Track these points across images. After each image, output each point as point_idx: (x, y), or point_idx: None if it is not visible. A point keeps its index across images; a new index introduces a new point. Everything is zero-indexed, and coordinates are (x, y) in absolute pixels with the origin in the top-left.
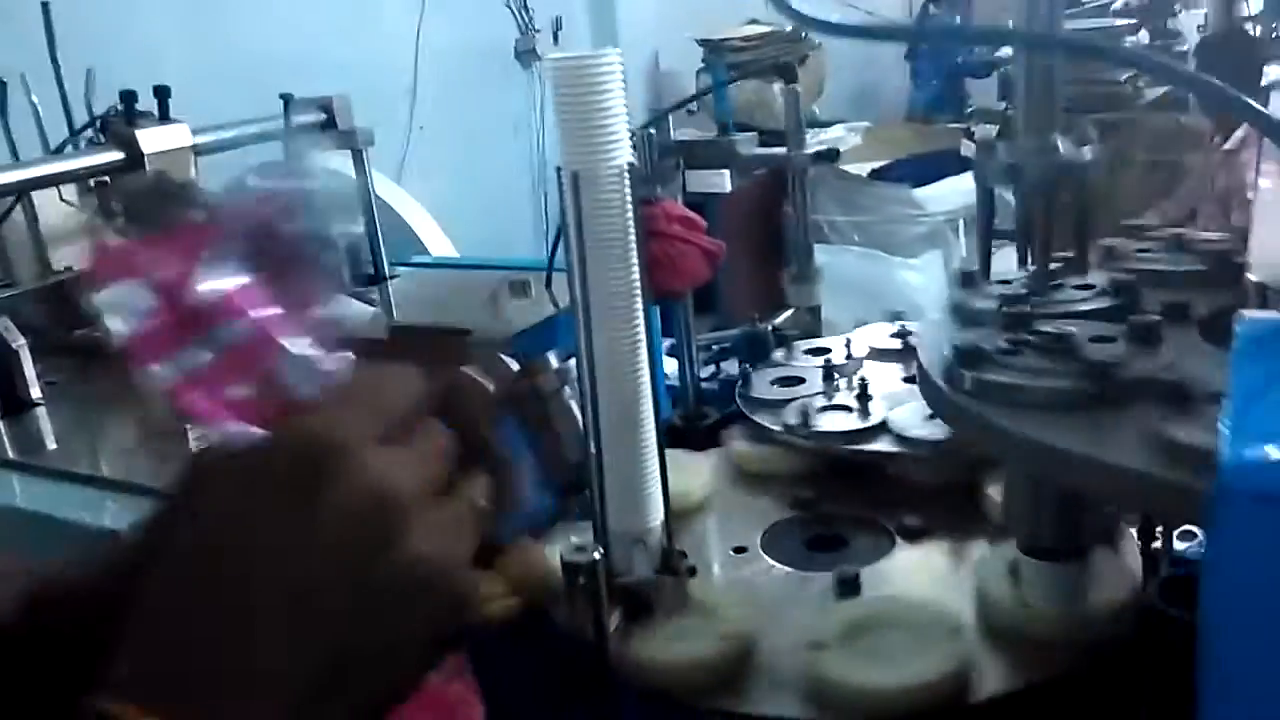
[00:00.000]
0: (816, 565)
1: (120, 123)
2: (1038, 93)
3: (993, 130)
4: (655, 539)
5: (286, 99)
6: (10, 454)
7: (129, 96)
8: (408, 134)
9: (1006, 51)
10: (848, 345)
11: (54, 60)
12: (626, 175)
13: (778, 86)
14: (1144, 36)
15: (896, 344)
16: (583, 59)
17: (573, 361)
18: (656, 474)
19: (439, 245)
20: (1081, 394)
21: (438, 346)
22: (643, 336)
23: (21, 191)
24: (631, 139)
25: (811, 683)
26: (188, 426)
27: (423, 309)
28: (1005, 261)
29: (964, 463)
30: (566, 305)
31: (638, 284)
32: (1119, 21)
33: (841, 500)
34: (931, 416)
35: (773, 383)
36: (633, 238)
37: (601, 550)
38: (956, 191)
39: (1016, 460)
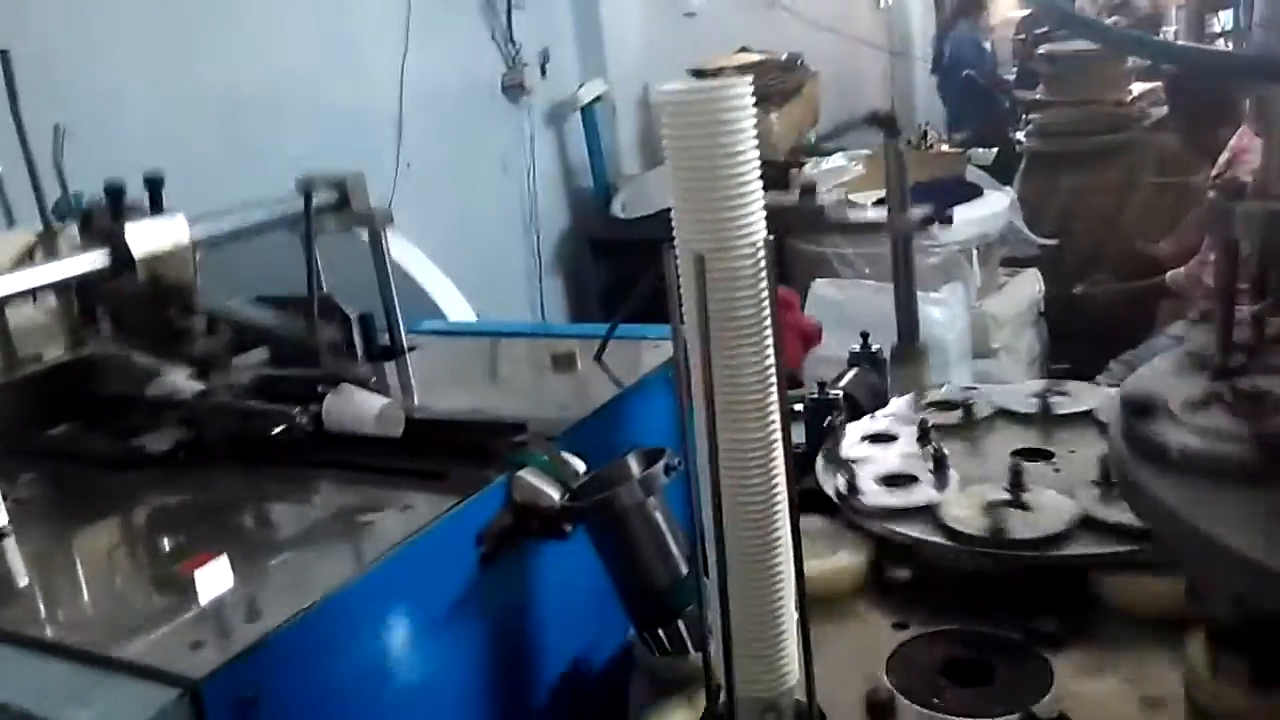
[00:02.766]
0: (948, 703)
1: (106, 219)
2: None
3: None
4: (789, 698)
5: (307, 189)
6: None
7: (115, 189)
8: (395, 172)
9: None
10: (965, 402)
11: (16, 116)
12: (762, 253)
13: (774, 116)
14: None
15: (1033, 405)
16: (701, 93)
17: (659, 467)
18: (792, 620)
19: (454, 306)
20: (1253, 466)
21: (479, 442)
22: (778, 439)
23: None
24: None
25: None
26: (195, 574)
27: (452, 390)
28: (1021, 289)
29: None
30: (632, 385)
31: (773, 376)
32: None
33: (1002, 614)
34: (997, 504)
35: (864, 439)
36: (768, 320)
37: None
38: (969, 220)
39: (1164, 536)
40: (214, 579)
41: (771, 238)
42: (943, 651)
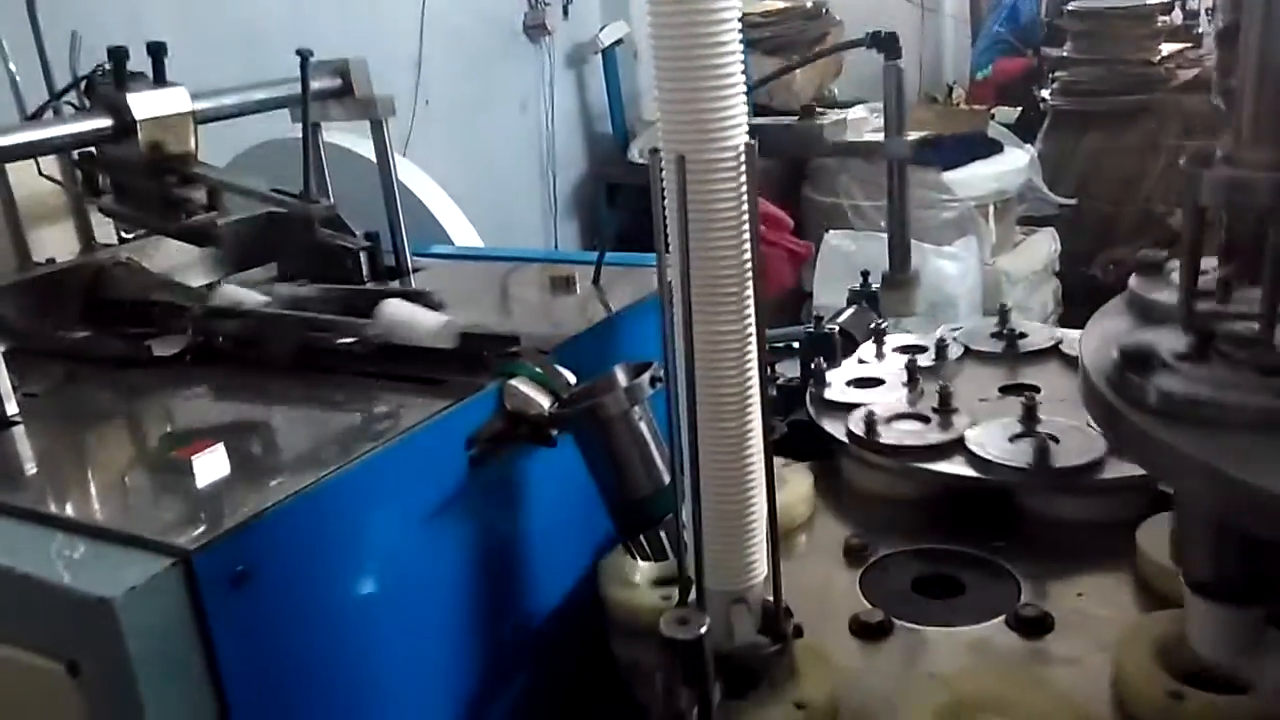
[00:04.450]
0: (922, 615)
1: (109, 85)
2: (1271, 96)
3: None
4: (757, 595)
5: (304, 55)
6: None
7: (119, 54)
8: (413, 108)
9: None
10: (940, 344)
11: (34, 21)
12: (744, 158)
13: (795, 60)
14: (1177, 15)
15: (998, 345)
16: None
17: (644, 378)
18: (763, 515)
19: (462, 233)
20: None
21: (474, 352)
22: (753, 334)
23: None
24: None
25: None
26: (192, 459)
27: (453, 307)
28: (1036, 248)
29: (1116, 500)
30: (626, 305)
31: (750, 272)
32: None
33: (963, 533)
34: (1018, 436)
35: (849, 383)
36: (747, 220)
37: (708, 622)
38: (986, 176)
39: (1191, 491)
40: (211, 465)
41: (755, 142)
42: (909, 570)
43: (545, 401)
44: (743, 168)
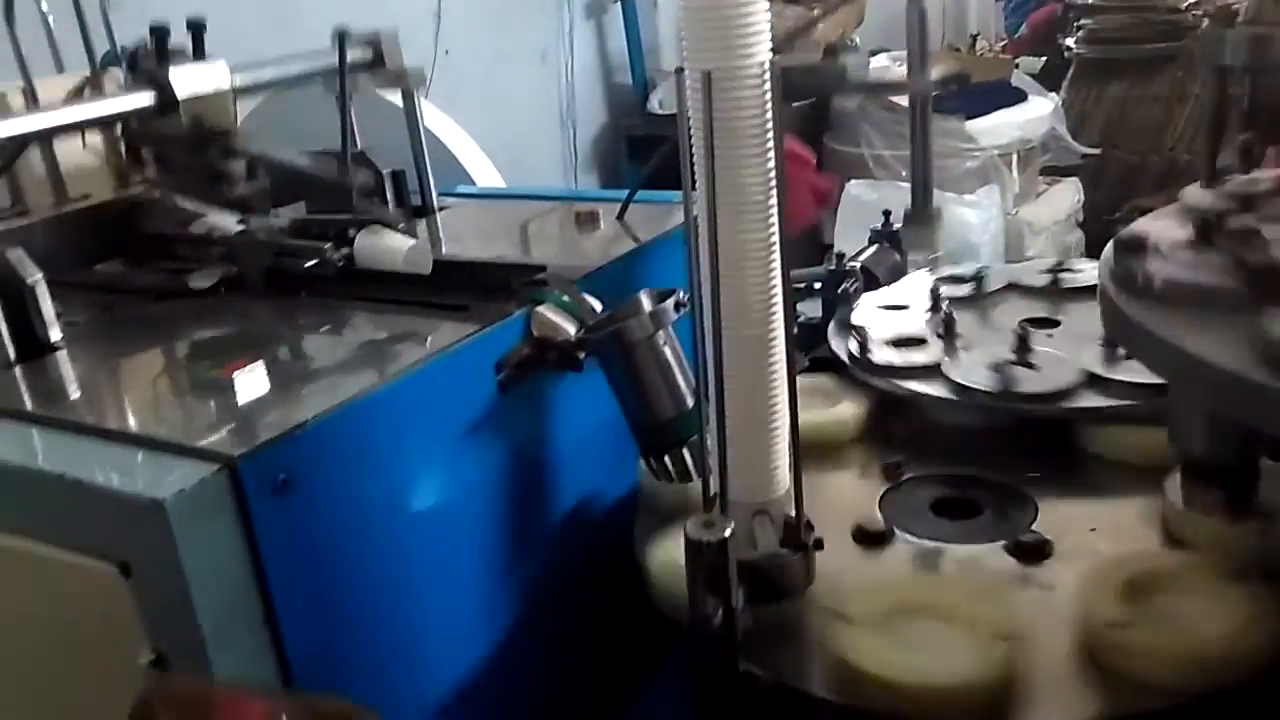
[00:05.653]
0: (931, 533)
1: (151, 61)
2: None
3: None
4: (779, 508)
5: (341, 33)
6: (28, 404)
7: (160, 32)
8: (433, 58)
9: None
10: (978, 276)
11: None
12: (768, 75)
13: (819, 12)
14: None
15: (1044, 280)
16: None
17: (669, 303)
18: (786, 425)
19: (486, 175)
20: (1229, 294)
21: (501, 281)
22: (776, 242)
23: (40, 139)
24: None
25: (830, 656)
26: (234, 375)
27: (479, 242)
28: (1059, 198)
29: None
30: (650, 239)
31: (774, 180)
32: None
33: (1006, 463)
34: (1001, 364)
35: (878, 308)
36: (771, 129)
37: (732, 526)
38: (1010, 124)
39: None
40: (251, 382)
41: (777, 59)
42: (932, 491)
43: (571, 328)
44: (766, 79)
